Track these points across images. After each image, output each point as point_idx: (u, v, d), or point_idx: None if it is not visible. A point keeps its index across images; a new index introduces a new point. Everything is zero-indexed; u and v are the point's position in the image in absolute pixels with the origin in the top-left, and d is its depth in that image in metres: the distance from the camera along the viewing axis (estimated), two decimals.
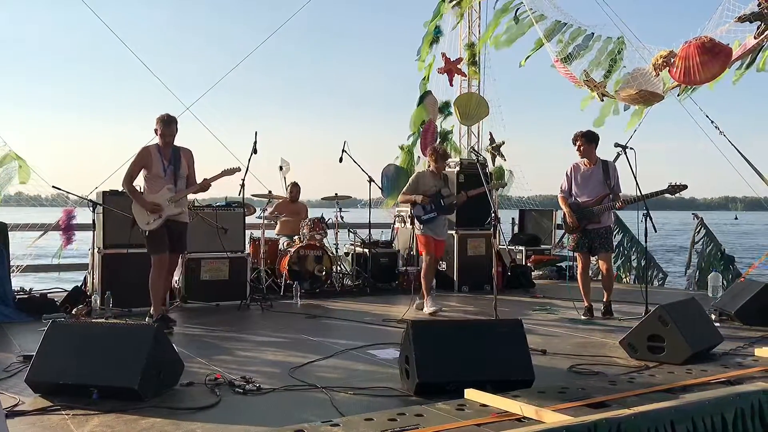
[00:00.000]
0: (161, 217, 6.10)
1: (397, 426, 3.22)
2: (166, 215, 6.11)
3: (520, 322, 4.35)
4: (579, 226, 6.96)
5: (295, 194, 9.97)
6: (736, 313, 6.40)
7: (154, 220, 6.09)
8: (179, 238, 6.28)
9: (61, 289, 7.98)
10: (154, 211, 6.08)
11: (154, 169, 6.15)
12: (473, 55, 11.72)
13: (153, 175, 6.16)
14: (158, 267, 6.14)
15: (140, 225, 6.16)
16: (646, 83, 8.55)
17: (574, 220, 6.96)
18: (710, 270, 9.47)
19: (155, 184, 6.16)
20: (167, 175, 6.16)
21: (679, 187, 6.73)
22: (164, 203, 6.12)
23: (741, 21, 7.70)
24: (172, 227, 6.19)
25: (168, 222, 6.14)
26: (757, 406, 3.59)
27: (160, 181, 6.15)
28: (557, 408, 3.42)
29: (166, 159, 6.18)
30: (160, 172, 6.15)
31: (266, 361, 5.04)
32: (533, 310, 7.59)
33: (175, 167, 6.20)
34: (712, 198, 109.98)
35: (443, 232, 7.51)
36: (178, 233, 6.26)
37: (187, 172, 6.29)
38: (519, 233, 11.89)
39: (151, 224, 6.09)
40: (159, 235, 6.12)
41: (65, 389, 3.85)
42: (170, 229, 6.17)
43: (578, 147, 7.03)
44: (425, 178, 7.44)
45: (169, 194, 6.14)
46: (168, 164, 6.17)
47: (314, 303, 8.01)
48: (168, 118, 6.19)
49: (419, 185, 7.37)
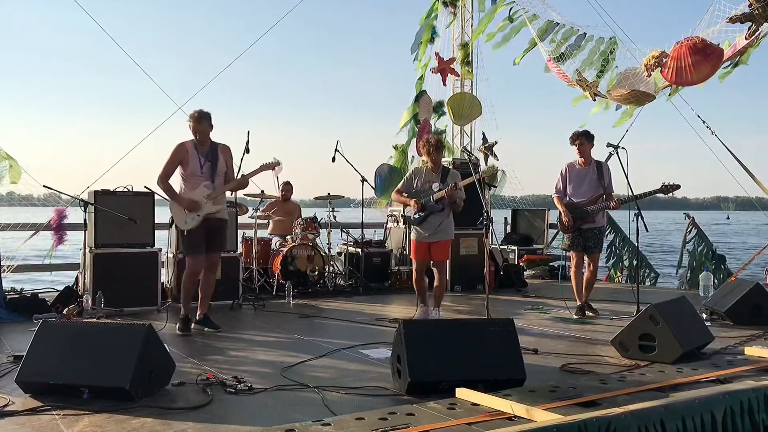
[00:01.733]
0: (200, 216, 5.98)
1: (388, 425, 3.23)
2: (204, 213, 5.99)
3: (512, 322, 4.35)
4: (574, 225, 6.98)
5: (288, 193, 9.96)
6: (727, 312, 6.44)
7: (192, 219, 5.98)
8: (218, 236, 6.16)
9: (53, 289, 7.94)
10: (192, 209, 5.96)
11: (191, 165, 6.00)
12: (466, 54, 11.73)
13: (189, 172, 6.02)
14: (191, 267, 6.05)
15: (178, 224, 6.07)
16: (638, 83, 8.60)
17: (570, 219, 6.98)
18: (701, 269, 9.52)
19: (192, 182, 6.02)
20: (204, 172, 6.02)
21: (672, 187, 6.75)
22: (202, 201, 5.99)
23: (732, 22, 7.75)
24: (211, 225, 6.06)
25: (206, 220, 6.02)
26: (746, 405, 3.61)
27: (197, 178, 6.01)
28: (548, 407, 3.43)
29: (202, 155, 6.04)
30: (197, 169, 6.01)
31: (258, 360, 5.04)
32: (525, 309, 7.61)
33: (213, 164, 6.05)
34: (704, 198, 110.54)
35: (441, 233, 6.65)
36: (217, 231, 6.14)
37: (225, 169, 6.14)
38: (511, 233, 11.93)
39: (189, 223, 5.99)
40: (197, 234, 6.01)
41: (56, 389, 3.84)
42: (208, 227, 6.05)
43: (579, 146, 7.04)
44: (421, 174, 6.81)
45: (207, 191, 6.00)
46: (204, 161, 6.03)
47: (307, 303, 8.00)
48: (199, 114, 6.02)
49: (413, 182, 6.81)
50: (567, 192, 7.11)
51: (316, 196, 9.77)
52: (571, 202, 7.06)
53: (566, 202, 7.08)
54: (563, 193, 7.14)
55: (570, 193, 7.10)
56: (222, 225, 6.21)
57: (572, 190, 7.09)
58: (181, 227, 6.06)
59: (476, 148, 11.50)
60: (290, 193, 9.99)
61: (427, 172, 6.78)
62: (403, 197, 6.81)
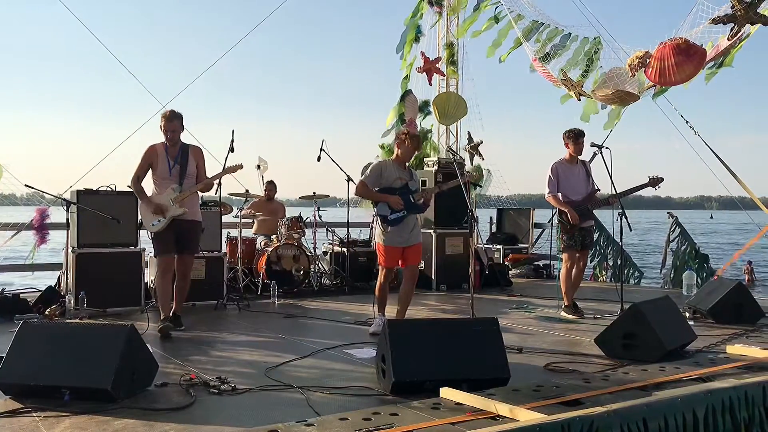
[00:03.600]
0: (165, 219, 5.97)
1: (372, 425, 3.22)
2: (170, 216, 5.98)
3: (496, 321, 4.36)
4: (579, 223, 6.94)
5: (272, 193, 9.93)
6: (709, 311, 6.49)
7: (159, 222, 5.98)
8: (188, 237, 6.11)
9: (35, 289, 7.86)
10: (157, 212, 5.96)
11: (160, 168, 6.01)
12: (452, 54, 11.75)
13: (159, 174, 6.02)
14: (162, 269, 6.05)
15: (146, 226, 6.09)
16: (622, 83, 8.65)
17: (576, 217, 6.89)
18: (685, 268, 9.60)
19: (162, 184, 6.04)
20: (172, 175, 6.01)
21: (658, 180, 6.93)
22: (168, 204, 5.98)
23: (714, 23, 7.80)
24: (181, 228, 6.04)
25: (174, 223, 6.01)
26: (727, 403, 3.64)
27: (166, 180, 6.02)
28: (531, 406, 3.43)
29: (171, 158, 6.02)
30: (166, 172, 6.01)
31: (242, 361, 5.01)
32: (510, 308, 7.62)
33: (182, 166, 6.02)
34: (687, 197, 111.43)
35: (415, 235, 6.11)
36: (186, 233, 6.09)
37: (195, 171, 6.11)
38: (496, 232, 11.95)
39: (156, 226, 5.99)
40: (164, 236, 6.01)
41: (36, 391, 3.79)
42: (179, 229, 6.04)
43: (579, 144, 7.01)
44: (388, 168, 6.08)
45: (173, 194, 5.99)
46: (174, 163, 6.01)
47: (292, 303, 7.98)
48: (170, 113, 6.00)
49: (382, 177, 6.04)
50: (559, 191, 7.02)
51: (302, 195, 9.75)
52: (570, 201, 7.01)
53: (564, 200, 6.99)
54: (556, 191, 7.05)
55: (566, 191, 7.03)
56: (193, 226, 6.16)
57: (568, 188, 7.03)
58: (148, 229, 6.07)
59: (461, 148, 11.52)
60: (274, 192, 9.96)
61: (395, 167, 6.10)
62: (376, 193, 6.03)
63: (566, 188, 7.04)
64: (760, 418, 3.80)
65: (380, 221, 6.02)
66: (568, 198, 7.02)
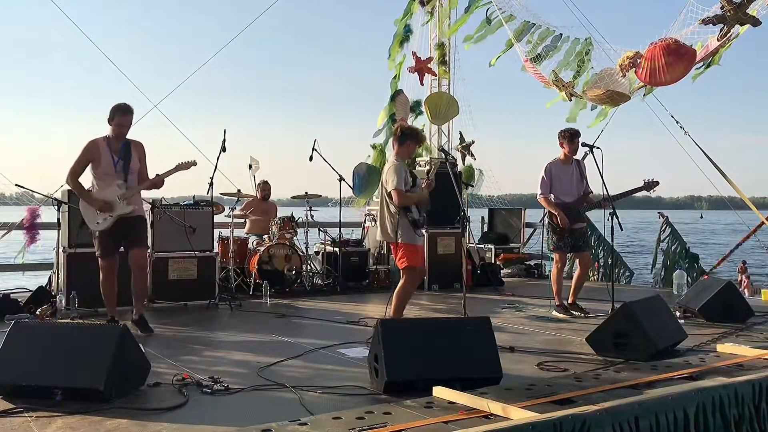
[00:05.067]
0: (112, 216, 5.74)
1: (365, 424, 3.23)
2: (117, 214, 5.75)
3: (488, 320, 4.38)
4: (568, 225, 6.94)
5: (265, 193, 9.91)
6: (700, 310, 6.53)
7: (104, 220, 5.74)
8: (137, 231, 5.89)
9: (25, 289, 7.82)
10: (104, 210, 5.72)
11: (103, 163, 5.74)
12: (443, 54, 11.76)
13: (102, 170, 5.75)
14: (106, 270, 5.85)
15: (89, 224, 5.82)
16: (613, 84, 8.68)
17: (565, 221, 6.90)
18: (675, 268, 9.65)
19: (105, 180, 5.76)
20: (117, 170, 5.77)
21: (653, 183, 6.96)
22: (115, 201, 5.74)
23: (704, 24, 7.85)
24: (126, 225, 5.82)
25: (120, 220, 5.78)
26: (717, 401, 3.67)
27: (111, 176, 5.76)
28: (524, 405, 3.45)
29: (115, 153, 5.77)
30: (110, 167, 5.75)
31: (235, 361, 5.01)
32: (502, 308, 7.64)
33: (126, 162, 5.79)
34: (678, 197, 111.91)
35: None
36: (134, 227, 5.87)
37: (138, 167, 5.88)
38: (488, 232, 11.97)
39: (101, 224, 5.74)
40: (109, 235, 5.78)
41: (28, 391, 3.78)
42: (124, 226, 5.81)
43: (574, 144, 7.00)
44: (401, 168, 5.77)
45: (120, 191, 5.75)
46: (118, 158, 5.77)
47: (284, 302, 7.97)
48: (126, 106, 5.77)
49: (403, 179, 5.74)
50: (551, 191, 7.01)
51: (294, 195, 9.73)
52: (562, 203, 7.00)
53: (556, 202, 6.99)
54: (549, 192, 7.01)
55: (558, 192, 7.02)
56: (137, 222, 5.94)
57: (561, 190, 7.02)
58: (92, 228, 5.82)
59: (453, 148, 11.54)
60: (268, 193, 9.94)
61: (402, 165, 5.86)
62: (413, 196, 5.75)
63: (558, 190, 7.04)
64: (750, 416, 3.83)
65: (410, 224, 5.65)
66: (560, 200, 7.02)
